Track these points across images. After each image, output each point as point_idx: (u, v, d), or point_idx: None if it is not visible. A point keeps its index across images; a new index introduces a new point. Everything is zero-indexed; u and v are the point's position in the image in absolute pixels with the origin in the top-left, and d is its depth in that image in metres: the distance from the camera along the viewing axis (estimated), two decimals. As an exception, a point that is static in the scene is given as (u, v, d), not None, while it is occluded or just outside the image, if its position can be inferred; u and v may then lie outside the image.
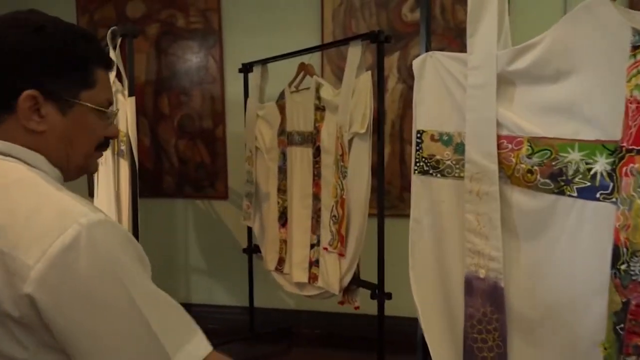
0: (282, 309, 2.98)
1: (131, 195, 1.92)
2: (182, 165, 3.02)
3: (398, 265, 1.88)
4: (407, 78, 2.63)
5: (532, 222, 1.04)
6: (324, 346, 2.82)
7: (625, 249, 0.91)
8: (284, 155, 2.35)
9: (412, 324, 1.32)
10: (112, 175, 2.08)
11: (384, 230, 2.08)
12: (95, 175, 2.24)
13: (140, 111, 2.95)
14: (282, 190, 2.37)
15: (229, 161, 2.95)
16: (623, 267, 0.91)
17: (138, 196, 1.95)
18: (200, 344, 0.72)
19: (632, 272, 0.90)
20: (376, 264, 2.09)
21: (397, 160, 2.70)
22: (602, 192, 0.94)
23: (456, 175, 1.16)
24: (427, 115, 1.22)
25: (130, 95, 1.84)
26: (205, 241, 3.08)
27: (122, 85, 1.99)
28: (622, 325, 0.92)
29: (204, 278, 3.09)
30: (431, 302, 1.21)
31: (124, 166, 1.94)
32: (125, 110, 1.84)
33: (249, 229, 2.68)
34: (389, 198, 2.65)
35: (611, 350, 0.93)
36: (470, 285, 1.12)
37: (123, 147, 1.91)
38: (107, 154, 2.08)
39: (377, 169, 2.08)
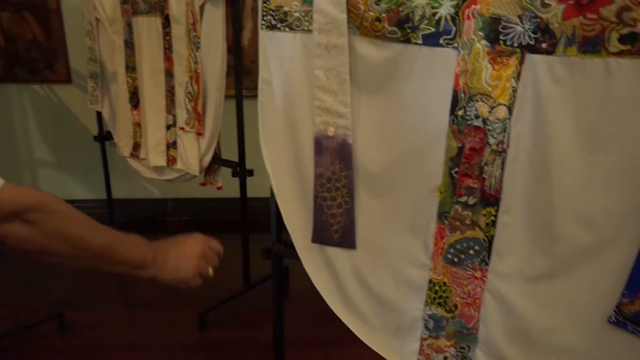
0: (147, 198, 2.85)
1: None
2: (9, 43, 2.57)
3: (259, 148, 1.83)
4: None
5: (379, 74, 1.01)
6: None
7: (463, 95, 0.92)
8: (129, 27, 2.07)
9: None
10: None
11: (243, 108, 1.99)
12: None
13: (-58, -26, 2.40)
14: (130, 67, 2.12)
15: (67, 38, 2.57)
16: (460, 112, 0.93)
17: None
18: None
19: (468, 117, 0.92)
20: (237, 143, 2.02)
21: (260, 37, 2.54)
22: (445, 37, 0.91)
23: (305, 28, 1.08)
24: (274, -40, 1.09)
25: None
26: (49, 131, 2.75)
27: None
28: (456, 169, 0.95)
29: (54, 172, 2.80)
30: (283, 166, 1.17)
31: None
32: None
33: (99, 114, 2.42)
34: (252, 78, 2.52)
35: (446, 193, 0.98)
36: (320, 144, 1.09)
37: None
38: None
39: (233, 43, 1.93)
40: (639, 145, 0.81)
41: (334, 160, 1.09)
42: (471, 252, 0.98)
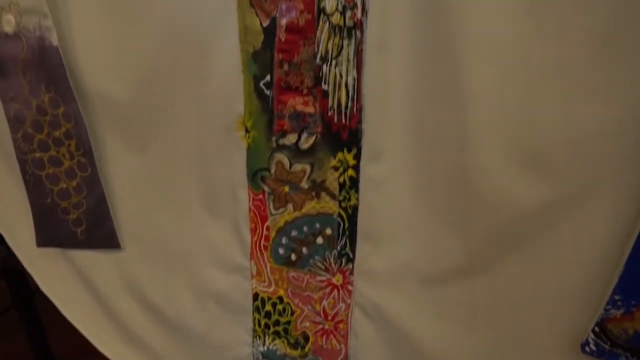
0: None
1: None
2: None
3: None
4: None
5: None
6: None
7: None
8: None
9: None
10: None
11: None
12: None
13: None
14: None
15: None
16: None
17: None
18: None
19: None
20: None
21: None
22: None
23: None
24: None
25: None
26: None
27: None
28: (268, 79, 0.45)
29: None
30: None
31: None
32: None
33: None
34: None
35: (256, 132, 0.47)
36: None
37: None
38: None
39: None
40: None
41: (36, 84, 0.53)
42: (319, 240, 0.50)
